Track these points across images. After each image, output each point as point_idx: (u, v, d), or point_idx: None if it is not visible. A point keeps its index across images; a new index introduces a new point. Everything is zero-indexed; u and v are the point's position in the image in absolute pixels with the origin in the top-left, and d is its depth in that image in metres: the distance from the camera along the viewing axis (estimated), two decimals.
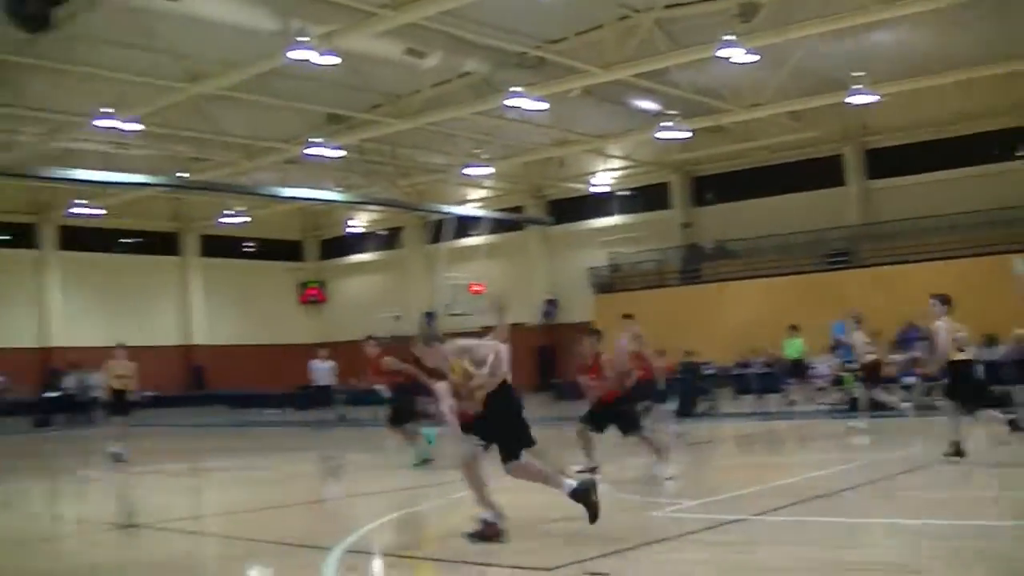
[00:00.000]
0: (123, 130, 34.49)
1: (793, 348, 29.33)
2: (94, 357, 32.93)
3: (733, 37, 27.93)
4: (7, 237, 53.12)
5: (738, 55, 28.69)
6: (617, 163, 49.36)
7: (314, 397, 34.32)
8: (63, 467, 25.11)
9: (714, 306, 42.08)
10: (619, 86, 34.41)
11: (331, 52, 27.57)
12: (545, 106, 34.11)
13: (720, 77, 34.46)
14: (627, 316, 20.86)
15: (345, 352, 29.40)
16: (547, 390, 36.37)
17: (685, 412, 28.32)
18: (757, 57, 29.40)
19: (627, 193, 51.38)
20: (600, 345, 16.62)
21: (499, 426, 10.53)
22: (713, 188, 48.88)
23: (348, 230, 60.71)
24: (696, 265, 47.06)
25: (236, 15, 26.69)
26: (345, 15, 27.10)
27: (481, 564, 9.75)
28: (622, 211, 51.71)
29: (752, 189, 46.29)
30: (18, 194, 52.03)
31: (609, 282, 48.67)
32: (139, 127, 35.15)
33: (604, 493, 10.81)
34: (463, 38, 30.18)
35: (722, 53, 28.58)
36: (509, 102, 33.14)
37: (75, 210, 49.00)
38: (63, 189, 49.39)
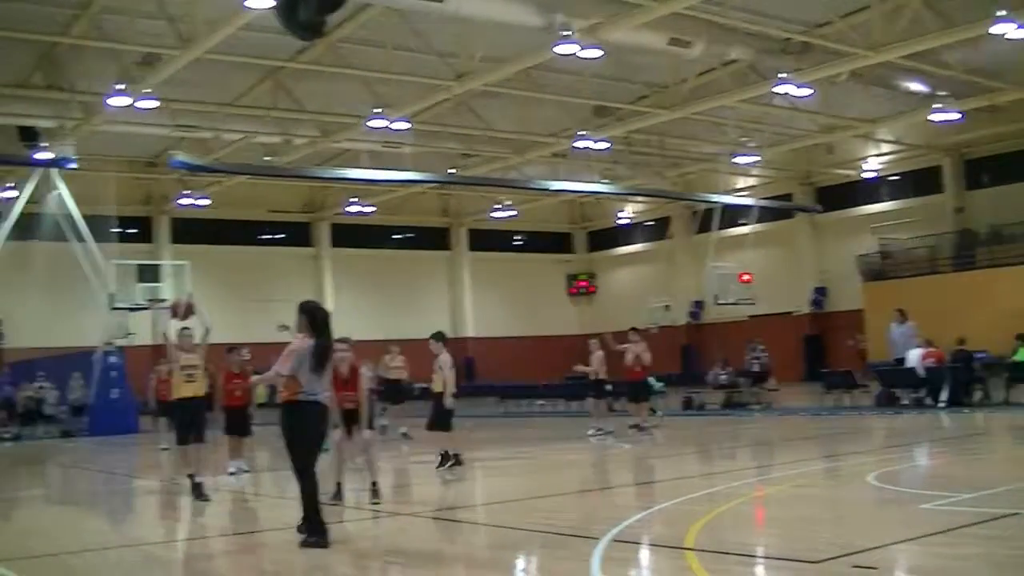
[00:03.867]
0: (393, 129, 35.42)
1: None
2: (365, 350, 33.97)
3: (1006, 13, 26.99)
4: (283, 236, 55.47)
5: (1012, 31, 27.69)
6: (887, 147, 48.29)
7: None
8: None
9: (988, 292, 40.67)
10: (887, 68, 33.60)
11: (595, 45, 27.71)
12: (811, 91, 33.68)
13: (994, 54, 33.24)
14: None
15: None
16: (816, 380, 35.82)
17: (956, 402, 27.60)
18: None
19: (897, 178, 50.29)
20: None
21: None
22: (988, 170, 47.18)
23: (619, 221, 60.89)
24: (969, 251, 45.50)
25: (500, 12, 26.97)
26: (608, 8, 27.20)
27: (746, 555, 9.76)
28: (892, 197, 50.52)
29: None
30: (295, 195, 54.22)
31: (879, 269, 47.60)
32: (409, 126, 36.02)
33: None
34: (727, 25, 29.90)
35: (995, 30, 27.66)
36: (775, 89, 32.85)
37: (347, 208, 50.78)
38: (336, 188, 51.25)
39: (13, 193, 39.93)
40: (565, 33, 26.73)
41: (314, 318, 11.47)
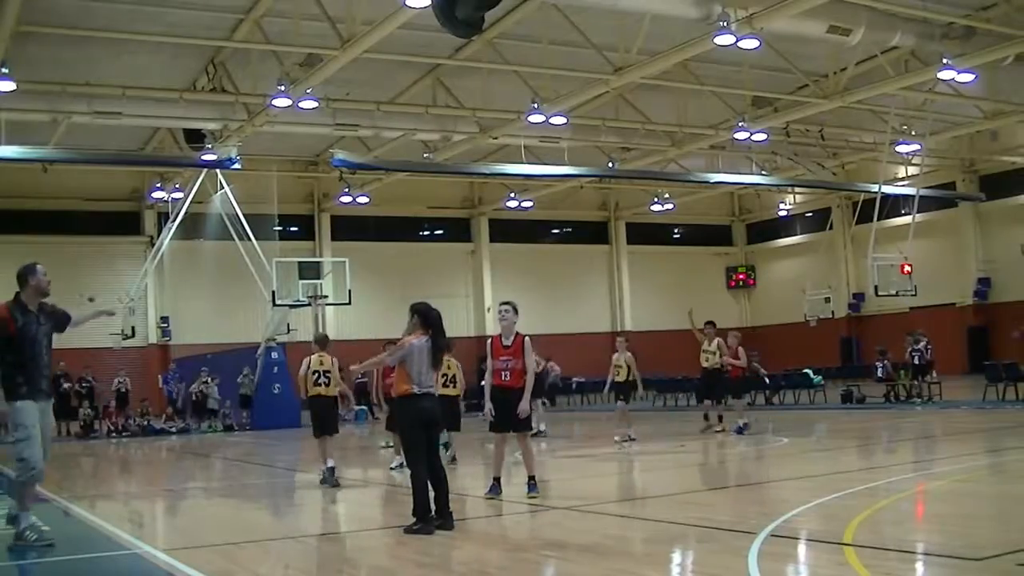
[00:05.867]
0: (551, 124, 35.55)
1: None
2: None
3: None
4: (442, 232, 56.10)
5: None
6: None
7: None
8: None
9: None
10: None
11: (753, 35, 27.50)
12: (974, 77, 32.93)
13: None
14: None
15: (771, 336, 29.30)
16: (980, 372, 35.14)
17: None
18: None
19: None
20: None
21: None
22: None
23: (779, 213, 60.27)
24: None
25: (658, 4, 26.95)
26: None
27: (906, 552, 9.61)
28: None
29: None
30: (454, 191, 54.83)
31: None
32: (566, 120, 36.06)
33: None
34: (887, 11, 29.44)
35: None
36: (939, 75, 32.21)
37: (506, 203, 51.19)
38: (495, 184, 51.58)
39: (179, 194, 41.13)
40: (723, 23, 26.57)
41: (427, 318, 12.49)
